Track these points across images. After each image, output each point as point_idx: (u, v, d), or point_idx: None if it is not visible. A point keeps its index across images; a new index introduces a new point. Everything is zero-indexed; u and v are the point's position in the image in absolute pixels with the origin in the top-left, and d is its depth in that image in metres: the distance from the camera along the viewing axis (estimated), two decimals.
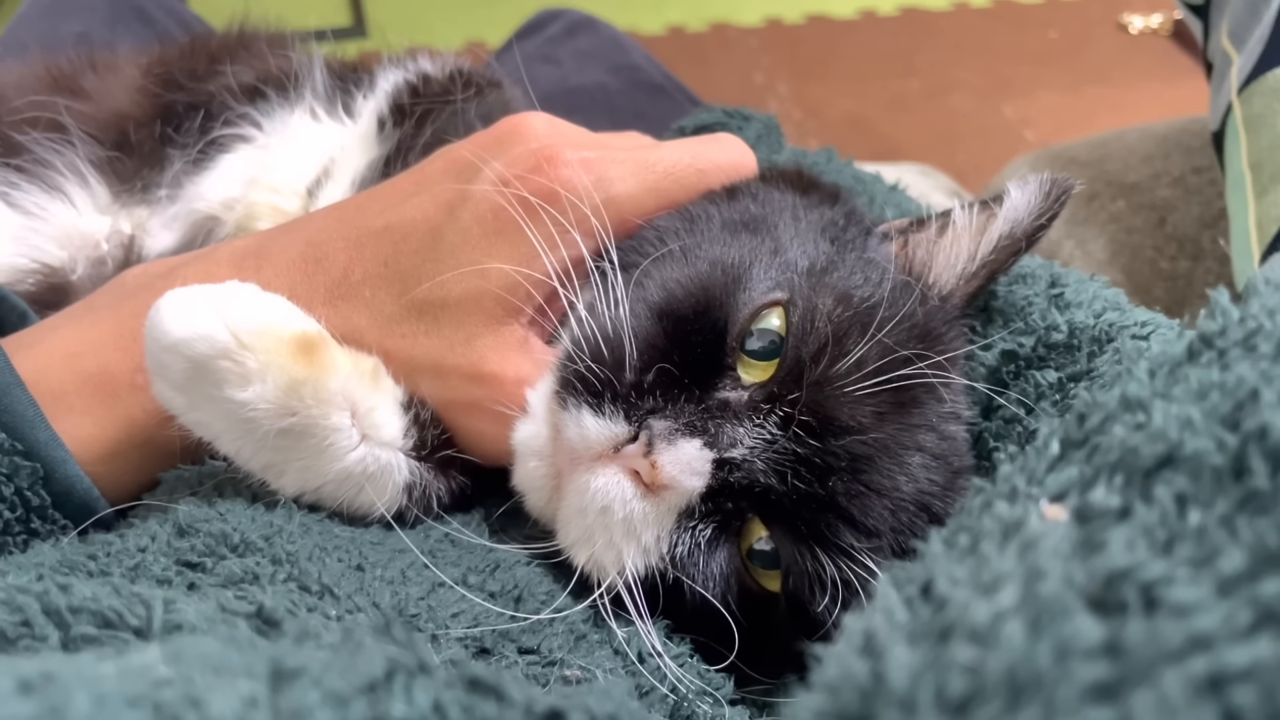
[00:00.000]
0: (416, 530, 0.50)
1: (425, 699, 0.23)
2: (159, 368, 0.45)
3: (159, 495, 0.49)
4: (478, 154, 0.53)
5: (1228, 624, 0.18)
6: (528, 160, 0.52)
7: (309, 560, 0.42)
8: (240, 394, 0.43)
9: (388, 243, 0.52)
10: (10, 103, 0.70)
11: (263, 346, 0.43)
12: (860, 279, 0.50)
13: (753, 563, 0.47)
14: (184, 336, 0.43)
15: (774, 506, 0.45)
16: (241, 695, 0.21)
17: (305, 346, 0.45)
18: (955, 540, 0.26)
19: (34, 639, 0.32)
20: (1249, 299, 0.29)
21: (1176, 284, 1.03)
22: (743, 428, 0.45)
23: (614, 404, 0.46)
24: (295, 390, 0.44)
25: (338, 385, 0.46)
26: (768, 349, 0.47)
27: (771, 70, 2.57)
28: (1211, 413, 0.24)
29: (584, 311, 0.49)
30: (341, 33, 2.61)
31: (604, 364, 0.46)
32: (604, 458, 0.46)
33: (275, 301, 0.46)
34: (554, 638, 0.44)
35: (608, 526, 0.46)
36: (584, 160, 0.52)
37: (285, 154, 0.70)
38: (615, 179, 0.53)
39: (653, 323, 0.48)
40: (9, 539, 0.46)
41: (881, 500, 0.45)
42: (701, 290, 0.48)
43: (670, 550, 0.46)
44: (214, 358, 0.43)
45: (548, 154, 0.52)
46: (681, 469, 0.44)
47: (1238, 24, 0.81)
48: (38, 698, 0.20)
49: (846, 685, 0.21)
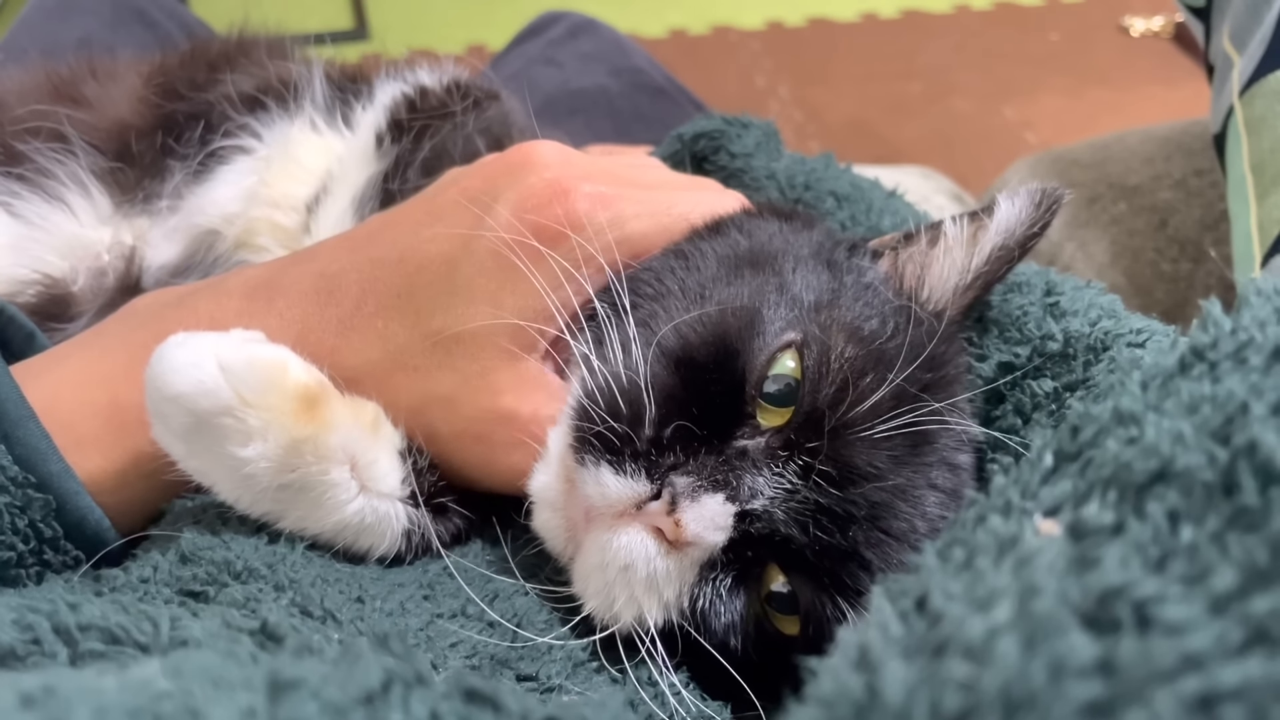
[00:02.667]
0: (415, 565, 0.50)
1: (423, 710, 0.23)
2: (160, 415, 0.45)
3: (164, 525, 0.49)
4: (490, 184, 0.53)
5: (1220, 643, 0.18)
6: (542, 192, 0.51)
7: (311, 587, 0.43)
8: (241, 451, 0.43)
9: (401, 275, 0.52)
10: (12, 111, 0.71)
11: (265, 404, 0.43)
12: (863, 309, 0.50)
13: (771, 607, 0.47)
14: (186, 391, 0.43)
15: (794, 555, 0.45)
16: (240, 707, 0.21)
17: (308, 402, 0.45)
18: (950, 554, 0.26)
19: (43, 656, 0.32)
20: (1240, 310, 0.29)
21: (1178, 286, 1.03)
22: (762, 477, 0.45)
23: (635, 461, 0.45)
24: (296, 449, 0.44)
25: (338, 441, 0.46)
26: (783, 393, 0.46)
27: (773, 73, 2.57)
28: (1202, 427, 0.24)
29: (594, 356, 0.48)
30: (343, 35, 2.61)
31: (621, 419, 0.46)
32: (625, 515, 0.45)
33: (279, 354, 0.46)
34: (552, 664, 0.44)
35: (629, 583, 0.45)
36: (600, 196, 0.52)
37: (285, 168, 0.70)
38: (630, 218, 0.53)
39: (669, 373, 0.47)
40: (22, 571, 0.46)
41: (900, 545, 0.45)
42: (716, 337, 0.48)
43: (691, 604, 0.45)
44: (216, 414, 0.43)
45: (561, 186, 0.51)
46: (705, 525, 0.44)
47: (1239, 26, 0.81)
48: (39, 711, 0.20)
49: (841, 700, 0.21)
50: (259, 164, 0.70)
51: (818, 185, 0.71)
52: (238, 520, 0.47)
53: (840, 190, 0.70)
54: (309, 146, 0.71)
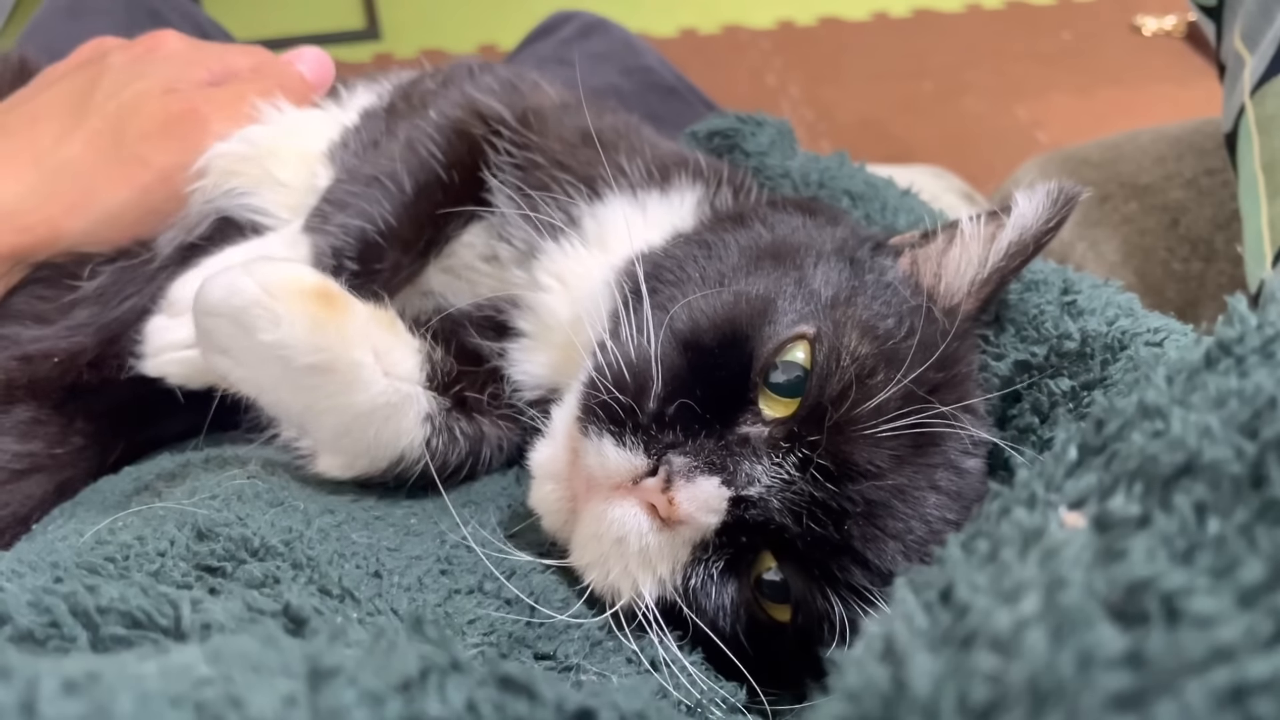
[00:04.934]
0: (433, 537, 0.50)
1: (459, 697, 0.24)
2: (205, 333, 0.51)
3: (178, 494, 0.49)
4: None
5: (1249, 635, 0.18)
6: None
7: (329, 564, 0.43)
8: (272, 334, 0.49)
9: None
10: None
11: (287, 295, 0.49)
12: (881, 307, 0.50)
13: (762, 594, 0.47)
14: (220, 297, 0.49)
15: (787, 545, 0.45)
16: (280, 694, 0.22)
17: (325, 296, 0.50)
18: (974, 546, 0.27)
19: (63, 639, 0.32)
20: (1266, 306, 0.29)
21: (1189, 285, 1.03)
22: (760, 465, 0.45)
23: (635, 435, 0.46)
24: (320, 327, 0.49)
25: (357, 327, 0.51)
26: (792, 383, 0.47)
27: (784, 72, 2.57)
28: (1230, 420, 0.24)
29: (608, 337, 0.49)
30: (354, 35, 2.61)
31: (627, 392, 0.47)
32: (622, 488, 0.46)
33: (296, 266, 0.52)
34: (570, 644, 0.45)
35: (623, 556, 0.46)
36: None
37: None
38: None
39: (678, 354, 0.48)
40: None
41: (896, 543, 0.45)
42: (727, 322, 0.49)
43: (684, 582, 0.46)
44: (247, 307, 0.49)
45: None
46: (698, 506, 0.45)
47: (1251, 25, 0.81)
48: (84, 697, 0.21)
49: (868, 692, 0.21)
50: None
51: (832, 184, 0.71)
52: (252, 495, 0.48)
53: (855, 189, 0.70)
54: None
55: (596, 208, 0.61)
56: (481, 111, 0.66)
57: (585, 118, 0.64)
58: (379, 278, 0.61)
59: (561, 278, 0.60)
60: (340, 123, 0.70)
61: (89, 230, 0.64)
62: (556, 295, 0.59)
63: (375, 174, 0.62)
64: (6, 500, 0.61)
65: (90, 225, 0.64)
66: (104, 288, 0.65)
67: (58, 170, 0.64)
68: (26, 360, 0.64)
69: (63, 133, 0.65)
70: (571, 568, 0.49)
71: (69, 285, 0.65)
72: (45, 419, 0.64)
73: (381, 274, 0.61)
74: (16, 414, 0.63)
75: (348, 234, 0.60)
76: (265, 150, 0.67)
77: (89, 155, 0.64)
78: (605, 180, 0.61)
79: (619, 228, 0.59)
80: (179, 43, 0.73)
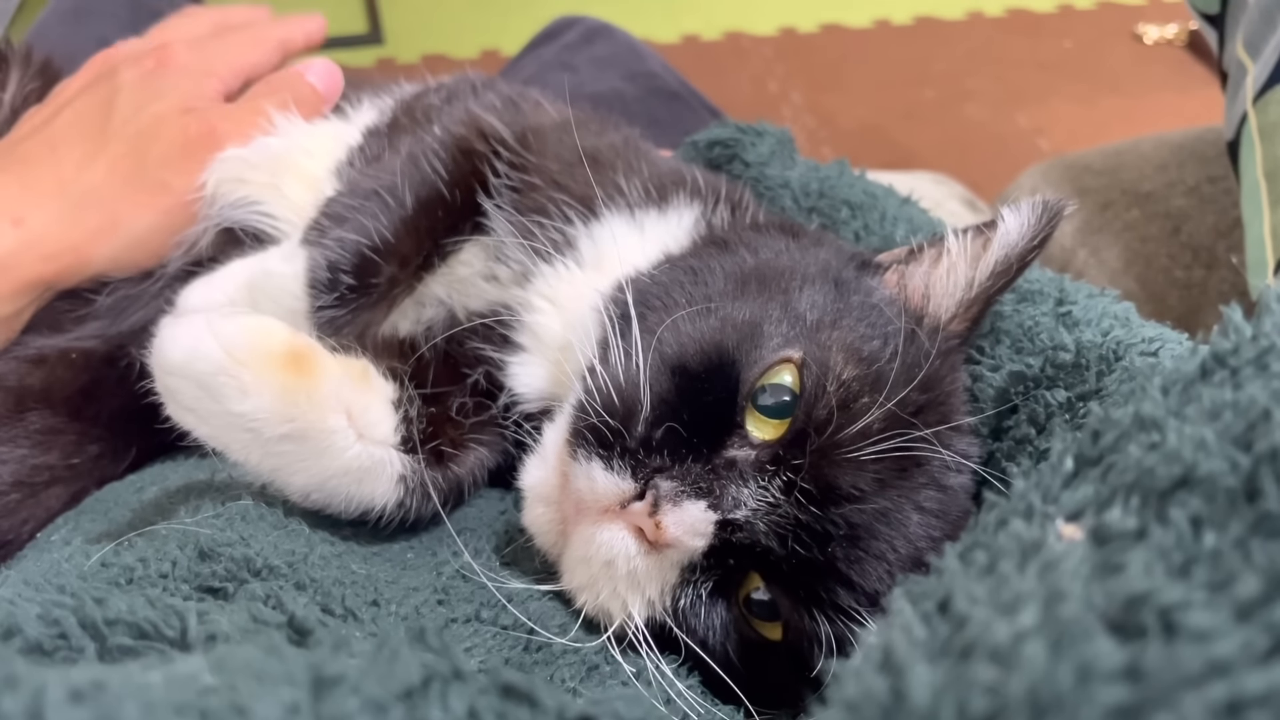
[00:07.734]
0: (429, 569, 0.51)
1: (461, 705, 0.24)
2: (168, 391, 0.48)
3: (182, 513, 0.49)
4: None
5: (1245, 650, 0.18)
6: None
7: (332, 586, 0.43)
8: (240, 405, 0.46)
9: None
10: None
11: (255, 361, 0.47)
12: (866, 329, 0.50)
13: (751, 612, 0.48)
14: (182, 359, 0.47)
15: (774, 566, 0.46)
16: (284, 702, 0.22)
17: (294, 358, 0.48)
18: (972, 557, 0.27)
19: (71, 651, 0.33)
20: (1261, 317, 0.29)
21: (1191, 293, 1.03)
22: (746, 489, 0.46)
23: (623, 459, 0.47)
24: (290, 397, 0.47)
25: (330, 389, 0.49)
26: (780, 406, 0.47)
27: (786, 79, 2.57)
28: (1224, 433, 0.24)
29: (598, 362, 0.50)
30: (357, 40, 2.62)
31: (616, 416, 0.47)
32: (610, 512, 0.47)
33: (264, 320, 0.50)
34: (566, 669, 0.45)
35: (612, 578, 0.47)
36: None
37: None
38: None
39: (666, 378, 0.49)
40: None
41: (880, 564, 0.45)
42: (714, 347, 0.49)
43: (673, 604, 0.47)
44: (212, 374, 0.46)
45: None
46: (685, 530, 0.45)
47: (1253, 33, 0.81)
48: (90, 706, 0.21)
49: (867, 703, 0.22)
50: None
51: (832, 194, 0.72)
52: (256, 517, 0.48)
53: (854, 199, 0.70)
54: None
55: (593, 228, 0.61)
56: (484, 129, 0.66)
57: (585, 136, 0.64)
58: (375, 291, 0.60)
59: (555, 300, 0.60)
60: (346, 142, 0.71)
61: (115, 256, 0.65)
62: (550, 316, 0.59)
63: (375, 188, 0.62)
64: (27, 517, 0.61)
65: (116, 251, 0.64)
66: (115, 303, 0.67)
67: (82, 198, 0.64)
68: (40, 361, 0.65)
69: (84, 159, 0.66)
70: (564, 589, 0.49)
71: (86, 299, 0.67)
72: (61, 427, 0.63)
73: (378, 288, 0.60)
74: (31, 422, 0.63)
75: (344, 248, 0.59)
76: (275, 158, 0.67)
77: (112, 181, 0.65)
78: (602, 200, 0.61)
79: (614, 249, 0.59)
80: (188, 53, 0.73)
